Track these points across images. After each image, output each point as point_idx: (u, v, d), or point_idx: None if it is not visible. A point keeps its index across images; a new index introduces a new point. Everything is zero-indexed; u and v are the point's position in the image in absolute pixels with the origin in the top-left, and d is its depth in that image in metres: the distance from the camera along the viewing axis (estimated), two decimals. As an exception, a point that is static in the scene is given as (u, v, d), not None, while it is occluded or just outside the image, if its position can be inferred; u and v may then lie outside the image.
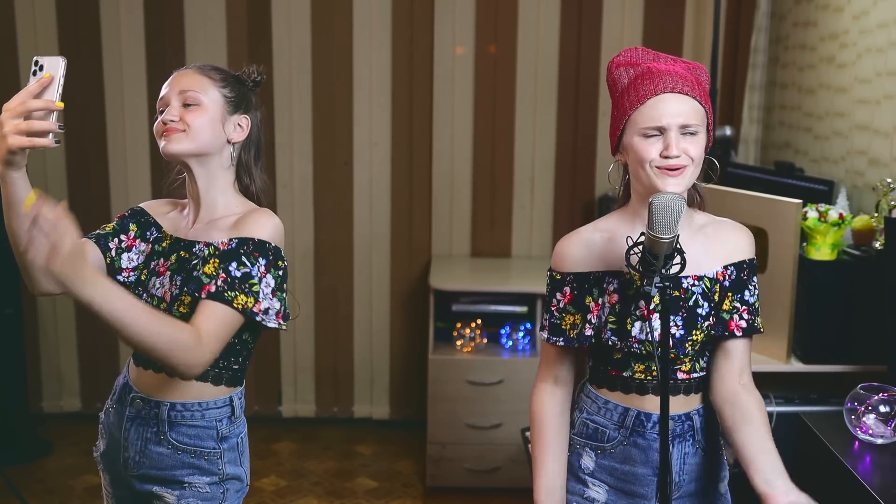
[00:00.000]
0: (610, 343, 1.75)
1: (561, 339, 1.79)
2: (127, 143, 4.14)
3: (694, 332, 1.73)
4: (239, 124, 1.84)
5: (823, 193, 3.03)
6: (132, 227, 1.87)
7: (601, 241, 1.77)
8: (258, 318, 1.73)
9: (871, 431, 2.20)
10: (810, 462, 2.34)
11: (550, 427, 1.81)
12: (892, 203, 2.66)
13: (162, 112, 1.80)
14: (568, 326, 1.79)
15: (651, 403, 1.76)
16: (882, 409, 2.19)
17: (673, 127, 1.65)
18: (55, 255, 1.43)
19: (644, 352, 1.73)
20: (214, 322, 1.69)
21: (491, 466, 3.72)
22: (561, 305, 1.79)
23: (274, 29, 4.10)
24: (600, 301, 1.76)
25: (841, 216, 2.65)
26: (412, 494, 3.72)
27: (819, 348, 2.67)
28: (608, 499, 1.80)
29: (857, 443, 2.22)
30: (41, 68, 1.54)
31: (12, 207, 1.60)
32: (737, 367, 1.78)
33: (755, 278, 1.80)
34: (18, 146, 1.52)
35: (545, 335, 1.82)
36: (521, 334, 3.82)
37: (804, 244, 2.69)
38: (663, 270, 1.58)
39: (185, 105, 1.78)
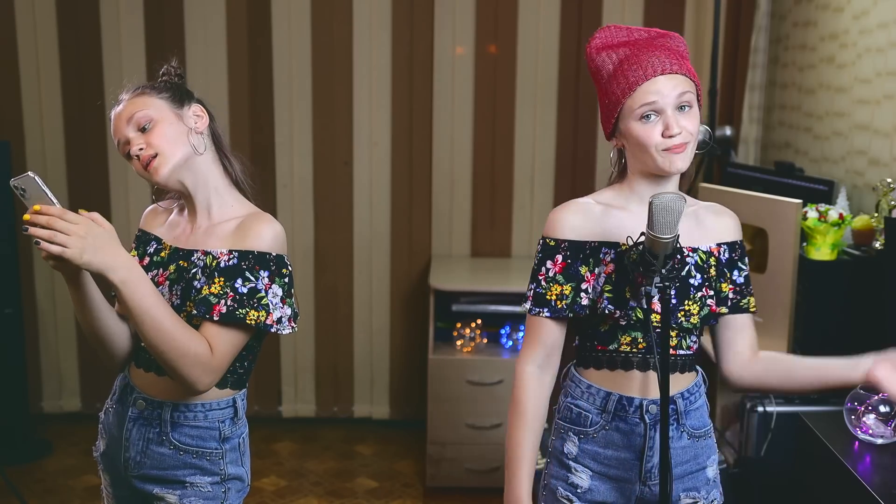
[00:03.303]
0: (606, 312, 1.74)
1: (545, 309, 1.76)
2: (127, 143, 4.14)
3: (686, 302, 1.74)
4: (195, 113, 1.83)
5: (823, 193, 3.03)
6: (133, 253, 1.89)
7: (598, 210, 1.78)
8: (273, 330, 1.75)
9: (871, 431, 2.20)
10: (810, 462, 2.34)
11: (537, 421, 1.80)
12: (892, 203, 2.67)
13: (128, 154, 1.79)
14: (554, 297, 1.76)
15: (634, 384, 1.76)
16: (882, 409, 2.19)
17: (669, 106, 1.68)
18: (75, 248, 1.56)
19: (635, 318, 1.73)
20: (226, 343, 1.72)
21: (491, 466, 3.72)
22: (550, 274, 1.76)
23: (274, 29, 4.10)
24: (596, 271, 1.75)
25: (841, 216, 2.65)
26: (412, 494, 3.72)
27: (819, 348, 2.66)
28: (591, 484, 1.80)
29: (857, 443, 2.22)
30: (24, 190, 1.59)
31: (78, 305, 1.75)
32: (747, 339, 1.82)
33: (746, 259, 1.83)
34: (57, 269, 1.65)
35: (528, 306, 1.79)
36: (521, 334, 3.82)
37: (804, 244, 2.69)
38: (663, 270, 1.58)
39: (142, 130, 1.78)
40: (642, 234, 1.60)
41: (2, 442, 3.86)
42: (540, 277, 1.78)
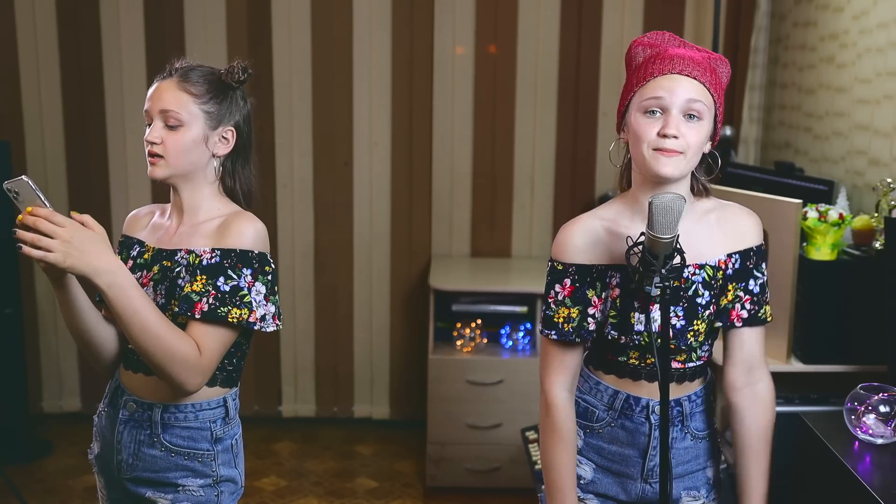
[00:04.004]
0: (610, 338, 1.74)
1: (553, 332, 1.76)
2: (127, 143, 4.14)
3: (695, 321, 1.73)
4: (223, 137, 1.81)
5: (823, 193, 3.03)
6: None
7: (603, 231, 1.74)
8: (256, 327, 1.74)
9: (871, 431, 2.20)
10: (810, 462, 2.33)
11: (574, 444, 1.79)
12: (892, 203, 2.66)
13: (148, 125, 1.78)
14: (561, 320, 1.75)
15: (641, 389, 1.77)
16: (882, 409, 2.19)
17: (675, 106, 1.63)
18: (59, 252, 1.55)
19: (643, 342, 1.71)
20: (214, 342, 1.72)
21: (491, 466, 3.72)
22: (559, 298, 1.75)
23: (274, 29, 4.10)
24: (603, 295, 1.74)
25: (841, 216, 2.65)
26: (412, 494, 3.72)
27: (819, 348, 2.67)
28: (594, 477, 1.82)
29: (857, 443, 2.21)
30: (17, 193, 1.58)
31: (65, 309, 1.75)
32: (740, 360, 1.79)
33: (763, 265, 1.78)
34: (46, 271, 1.66)
35: (540, 327, 1.80)
36: (521, 334, 3.82)
37: (804, 244, 2.69)
38: (663, 270, 1.58)
39: (168, 125, 1.76)
40: (642, 234, 1.60)
41: (2, 442, 3.86)
42: (550, 300, 1.77)
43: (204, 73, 1.82)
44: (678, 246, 1.59)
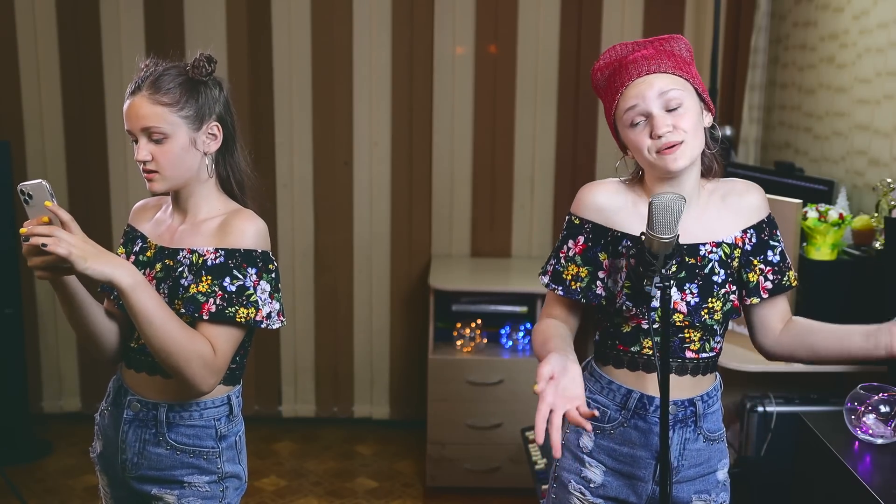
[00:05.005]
0: (624, 308, 1.72)
1: (560, 288, 1.76)
2: (127, 143, 4.14)
3: (710, 299, 1.72)
4: (210, 133, 1.80)
5: (823, 193, 3.03)
6: (121, 250, 1.90)
7: (628, 198, 1.75)
8: (263, 325, 1.75)
9: (871, 431, 2.20)
10: (810, 462, 2.34)
11: (556, 329, 1.75)
12: (892, 203, 2.66)
13: (134, 142, 1.77)
14: (570, 277, 1.75)
15: (656, 385, 1.74)
16: (882, 409, 2.19)
17: (652, 106, 1.65)
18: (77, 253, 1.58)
19: (657, 319, 1.69)
20: (226, 342, 1.73)
21: (491, 466, 3.72)
22: (570, 254, 1.75)
23: (274, 29, 4.10)
24: (614, 262, 1.73)
25: (841, 216, 2.65)
26: (412, 494, 3.72)
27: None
28: (604, 480, 1.80)
29: (857, 443, 2.22)
30: (30, 196, 1.60)
31: (67, 306, 1.76)
32: (774, 320, 1.82)
33: (777, 233, 1.80)
34: (44, 278, 1.66)
35: (545, 280, 1.79)
36: (521, 334, 3.82)
37: (804, 244, 2.69)
38: (663, 270, 1.58)
39: (153, 140, 1.75)
40: (642, 233, 1.60)
41: (2, 442, 3.86)
42: (561, 255, 1.77)
43: (172, 77, 1.78)
44: (679, 245, 1.59)
